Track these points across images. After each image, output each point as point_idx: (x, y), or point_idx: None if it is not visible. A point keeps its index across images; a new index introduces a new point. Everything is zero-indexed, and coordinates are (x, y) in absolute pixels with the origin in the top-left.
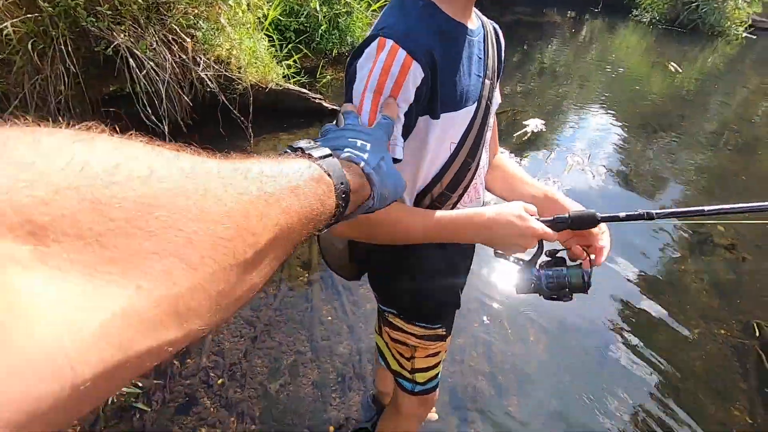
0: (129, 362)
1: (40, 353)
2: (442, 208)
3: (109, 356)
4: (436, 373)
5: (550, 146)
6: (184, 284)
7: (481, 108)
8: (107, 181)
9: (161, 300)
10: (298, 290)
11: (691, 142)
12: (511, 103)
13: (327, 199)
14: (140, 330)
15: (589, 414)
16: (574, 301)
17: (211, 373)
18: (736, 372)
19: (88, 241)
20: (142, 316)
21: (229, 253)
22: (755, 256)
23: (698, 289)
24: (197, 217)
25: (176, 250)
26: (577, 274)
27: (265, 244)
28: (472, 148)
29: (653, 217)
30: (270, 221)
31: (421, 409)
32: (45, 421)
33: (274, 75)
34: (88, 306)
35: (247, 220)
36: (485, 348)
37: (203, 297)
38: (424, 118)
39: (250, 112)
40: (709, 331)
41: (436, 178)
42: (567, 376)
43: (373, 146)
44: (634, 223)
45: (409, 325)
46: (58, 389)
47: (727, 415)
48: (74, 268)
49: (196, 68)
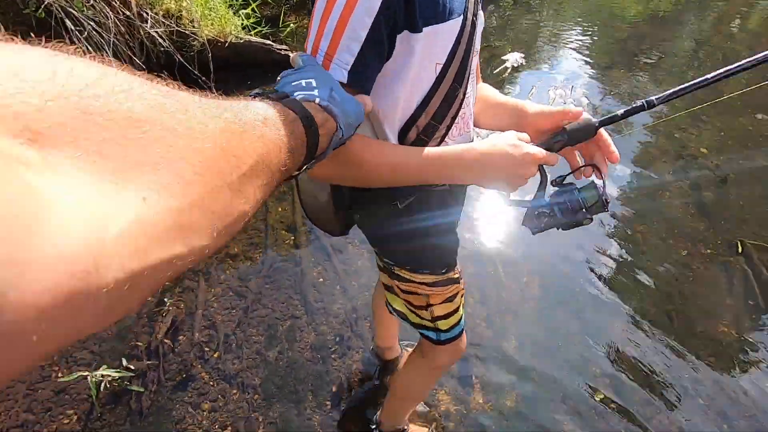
0: (145, 272)
1: (69, 249)
2: (429, 143)
3: (129, 263)
4: (459, 319)
5: (530, 80)
6: (182, 199)
7: (467, 23)
8: (93, 94)
9: (165, 213)
10: (286, 255)
11: (671, 63)
12: (487, 38)
13: (296, 130)
14: (152, 240)
15: (586, 345)
16: (564, 237)
17: (205, 347)
18: (723, 290)
19: (87, 150)
20: (152, 227)
21: (218, 173)
22: (738, 175)
23: (684, 212)
24: (184, 135)
25: (170, 166)
26: (590, 192)
27: (247, 169)
28: (459, 71)
29: (654, 103)
30: (249, 146)
31: (451, 358)
32: (74, 321)
33: (232, 27)
34: (105, 213)
35: (229, 142)
36: (480, 293)
37: (201, 214)
38: (403, 35)
39: (210, 69)
40: (697, 252)
41: (421, 106)
42: (562, 311)
43: (318, 80)
44: (620, 150)
45: (415, 274)
46: (85, 288)
47: (715, 331)
48: (81, 175)
49: (144, 25)
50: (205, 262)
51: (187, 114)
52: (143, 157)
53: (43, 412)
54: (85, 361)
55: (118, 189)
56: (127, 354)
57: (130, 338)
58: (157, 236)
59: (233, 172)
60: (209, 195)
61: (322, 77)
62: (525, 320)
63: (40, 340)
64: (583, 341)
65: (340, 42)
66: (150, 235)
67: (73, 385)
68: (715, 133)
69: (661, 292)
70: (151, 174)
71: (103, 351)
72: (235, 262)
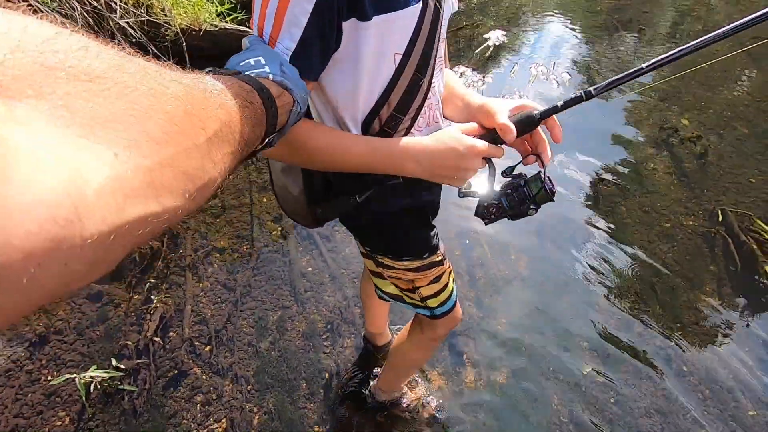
0: (124, 227)
1: (48, 195)
2: (393, 135)
3: (109, 216)
4: (449, 294)
5: (512, 58)
6: (153, 158)
7: (428, 10)
8: (51, 49)
9: (137, 170)
10: (273, 246)
11: (653, 36)
12: (470, 17)
13: (254, 101)
14: (127, 196)
15: (573, 319)
16: (550, 215)
17: (196, 342)
18: (705, 258)
19: (53, 104)
20: (127, 183)
21: (185, 134)
22: (717, 145)
23: (667, 183)
24: (147, 94)
25: (138, 124)
26: (535, 183)
27: (212, 134)
28: (422, 60)
29: (592, 94)
30: (211, 111)
31: (446, 329)
32: (61, 270)
33: (207, 14)
34: (82, 166)
35: (192, 105)
36: (469, 275)
37: (172, 174)
38: (350, 23)
39: (186, 59)
40: (679, 222)
41: (382, 98)
42: (550, 286)
43: (266, 57)
44: (603, 127)
45: (398, 261)
46: (69, 236)
47: (698, 299)
48: (50, 129)
49: (113, 16)
50: (191, 257)
51: (146, 76)
52: (110, 114)
53: (35, 415)
54: (74, 363)
55: (89, 144)
56: (116, 353)
57: (118, 338)
58: (132, 192)
59: (199, 135)
60: (179, 155)
61: (269, 55)
62: (513, 298)
63: (30, 285)
64: (570, 316)
65: (282, 27)
66: (126, 191)
67: (63, 387)
68: (696, 104)
69: (645, 263)
70: (120, 131)
71: (92, 352)
72: (222, 255)
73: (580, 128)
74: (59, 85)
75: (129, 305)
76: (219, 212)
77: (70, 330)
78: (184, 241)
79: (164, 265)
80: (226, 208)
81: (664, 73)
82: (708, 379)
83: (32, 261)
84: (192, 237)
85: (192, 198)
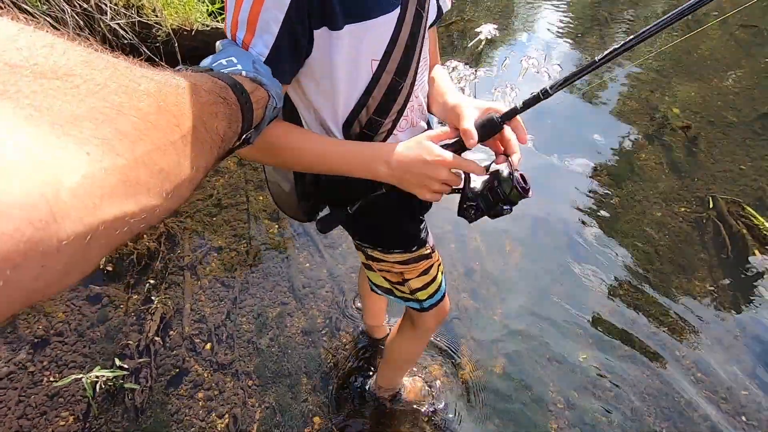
0: (101, 228)
1: (23, 197)
2: (375, 137)
3: (85, 217)
4: (437, 287)
5: (504, 52)
6: (127, 156)
7: (407, 16)
8: (15, 47)
9: (111, 169)
10: (270, 243)
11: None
12: (461, 11)
13: (228, 97)
14: (103, 196)
15: (568, 307)
16: (543, 204)
17: (196, 339)
18: (697, 245)
19: (20, 103)
20: (102, 182)
21: (160, 131)
22: (707, 133)
23: (658, 173)
24: (118, 91)
25: (109, 121)
26: (507, 183)
27: (187, 131)
28: (402, 66)
29: (548, 92)
30: (185, 107)
31: (436, 321)
32: (39, 273)
33: (197, 14)
34: (56, 165)
35: (165, 102)
36: (464, 267)
37: (148, 173)
38: (321, 31)
39: (178, 60)
40: (671, 210)
41: (359, 102)
42: (545, 277)
43: (238, 57)
44: (594, 118)
45: (387, 254)
46: (47, 237)
47: (690, 285)
48: (20, 128)
49: (104, 18)
50: (190, 257)
51: (116, 72)
52: (79, 111)
53: (38, 416)
54: (77, 364)
55: (61, 143)
56: (119, 354)
57: (120, 338)
58: (108, 192)
59: (174, 132)
60: (154, 153)
61: (241, 55)
62: (508, 289)
63: (6, 287)
64: (565, 304)
65: (255, 33)
66: (101, 190)
67: (66, 388)
68: (686, 94)
69: (639, 251)
70: (92, 129)
71: (94, 353)
72: (220, 254)
73: (572, 120)
74: (26, 83)
75: (128, 306)
76: (216, 211)
77: (70, 331)
78: (182, 241)
79: (163, 266)
80: (223, 207)
81: (676, 35)
82: (701, 363)
83: (8, 263)
84: (189, 237)
85: (169, 196)
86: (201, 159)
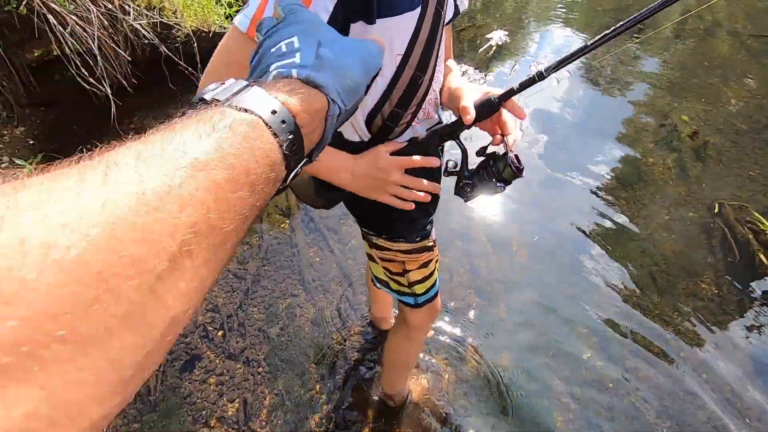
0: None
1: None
2: (395, 128)
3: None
4: (434, 282)
5: (514, 57)
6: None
7: (427, 14)
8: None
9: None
10: (281, 238)
11: (655, 37)
12: (472, 18)
13: (273, 166)
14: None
15: (575, 306)
16: (550, 205)
17: (209, 327)
18: (703, 249)
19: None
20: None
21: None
22: (716, 140)
23: (666, 178)
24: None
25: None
26: (502, 161)
27: (163, 270)
28: (422, 61)
29: (543, 75)
30: (177, 230)
31: (428, 318)
32: None
33: (215, 16)
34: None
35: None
36: (470, 264)
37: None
38: (358, 24)
39: (197, 61)
40: (678, 215)
41: (384, 95)
42: (550, 276)
43: (300, 36)
44: (603, 122)
45: (392, 243)
46: None
47: (697, 289)
48: None
49: (127, 18)
50: None
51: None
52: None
53: None
54: None
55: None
56: None
57: None
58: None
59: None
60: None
61: (305, 31)
62: (514, 288)
63: None
64: (571, 304)
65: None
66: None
67: None
68: (696, 101)
69: (645, 254)
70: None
71: None
72: None
73: (581, 123)
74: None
75: None
76: None
77: None
78: None
79: None
80: None
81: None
82: (706, 364)
83: None
84: None
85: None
86: (201, 273)
